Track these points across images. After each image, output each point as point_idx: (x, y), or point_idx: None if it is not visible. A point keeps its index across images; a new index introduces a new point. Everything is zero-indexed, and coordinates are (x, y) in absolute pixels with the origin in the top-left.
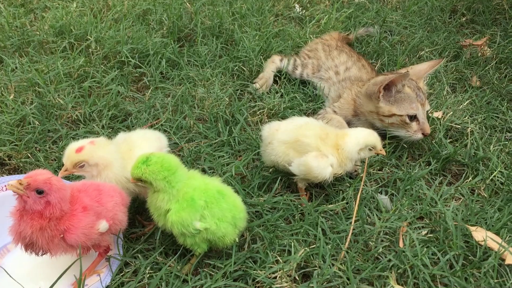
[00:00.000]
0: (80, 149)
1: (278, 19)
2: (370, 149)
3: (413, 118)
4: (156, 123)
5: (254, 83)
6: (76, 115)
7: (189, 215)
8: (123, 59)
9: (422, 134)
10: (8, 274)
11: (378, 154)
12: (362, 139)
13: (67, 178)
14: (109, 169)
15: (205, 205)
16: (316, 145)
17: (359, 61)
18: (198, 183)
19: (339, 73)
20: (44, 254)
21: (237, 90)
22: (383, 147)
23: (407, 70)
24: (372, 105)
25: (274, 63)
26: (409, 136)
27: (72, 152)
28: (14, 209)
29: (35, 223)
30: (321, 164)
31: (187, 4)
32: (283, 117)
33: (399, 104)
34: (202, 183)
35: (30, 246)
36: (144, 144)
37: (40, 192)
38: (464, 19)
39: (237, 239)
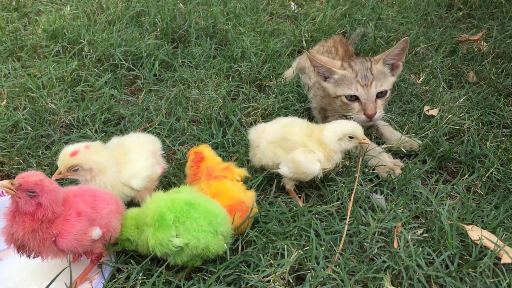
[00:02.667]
0: (74, 153)
1: (273, 18)
2: (350, 138)
3: (353, 98)
4: (150, 126)
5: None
6: (69, 120)
7: (164, 233)
8: (116, 62)
9: (365, 115)
10: None
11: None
12: (340, 129)
13: (60, 183)
14: (103, 174)
15: (176, 219)
16: (303, 142)
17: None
18: (164, 201)
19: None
20: (36, 256)
21: (231, 91)
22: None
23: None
24: (322, 86)
25: None
26: (356, 118)
27: (66, 155)
28: (7, 209)
29: (27, 225)
30: (309, 158)
31: (181, 4)
32: (277, 117)
33: (338, 86)
34: (168, 199)
35: (22, 248)
36: (139, 148)
37: (31, 193)
38: (460, 13)
39: (225, 245)
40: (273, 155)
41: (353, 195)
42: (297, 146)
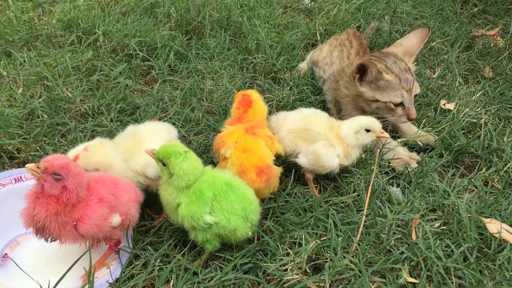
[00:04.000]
0: (75, 158)
1: (286, 11)
2: (367, 131)
3: (398, 104)
4: (165, 116)
5: None
6: (85, 109)
7: (198, 208)
8: (131, 52)
9: (408, 119)
10: (18, 266)
11: (380, 138)
12: (356, 122)
13: None
14: (111, 169)
15: (214, 198)
16: (325, 134)
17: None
18: (207, 176)
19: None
20: (53, 241)
21: (246, 82)
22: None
23: (399, 43)
24: (356, 89)
25: None
26: (395, 120)
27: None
28: (30, 191)
29: (51, 207)
30: (329, 153)
31: None
32: (292, 109)
33: (382, 91)
34: (210, 176)
35: (41, 230)
36: (153, 137)
37: (57, 176)
38: (476, 9)
39: (250, 233)
40: (293, 145)
41: (370, 186)
42: (319, 137)
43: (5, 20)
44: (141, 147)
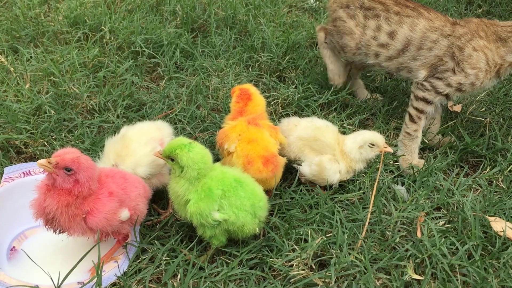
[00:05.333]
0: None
1: (291, 10)
2: (371, 146)
3: None
4: (171, 113)
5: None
6: (91, 105)
7: (207, 205)
8: (137, 49)
9: None
10: (30, 258)
11: (384, 153)
12: (359, 137)
13: None
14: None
15: (223, 194)
16: (334, 147)
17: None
18: (216, 172)
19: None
20: (62, 232)
21: (251, 80)
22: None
23: None
24: None
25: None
26: None
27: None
28: (41, 183)
29: (62, 199)
30: (333, 168)
31: None
32: (297, 107)
33: None
34: (220, 172)
35: (51, 221)
36: (143, 138)
37: (68, 170)
38: (480, 10)
39: (258, 230)
40: (299, 152)
41: (375, 184)
42: (328, 149)
43: (12, 16)
44: (128, 150)
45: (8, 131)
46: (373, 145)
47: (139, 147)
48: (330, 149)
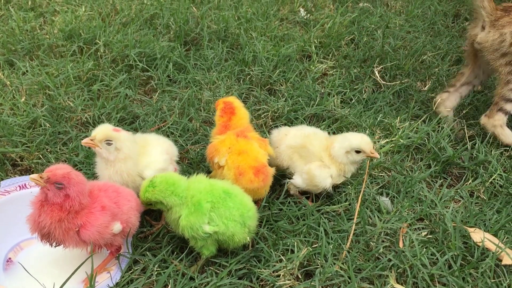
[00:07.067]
0: (117, 130)
1: (283, 23)
2: (357, 152)
3: None
4: (163, 125)
5: None
6: (86, 118)
7: (197, 219)
8: (131, 62)
9: None
10: (26, 270)
11: (372, 158)
12: (347, 142)
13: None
14: (124, 162)
15: (212, 207)
16: (320, 155)
17: None
18: (204, 185)
19: None
20: (58, 245)
21: (242, 93)
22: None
23: None
24: None
25: None
26: None
27: (108, 127)
28: (35, 198)
29: (55, 215)
30: (323, 173)
31: (194, 8)
32: (287, 120)
33: None
34: (208, 184)
35: (47, 236)
36: (157, 144)
37: (59, 185)
38: (467, 23)
39: (248, 239)
40: (289, 159)
41: (360, 196)
42: (314, 157)
43: (8, 30)
44: (145, 150)
45: (4, 144)
46: (359, 151)
47: (155, 152)
48: (316, 157)
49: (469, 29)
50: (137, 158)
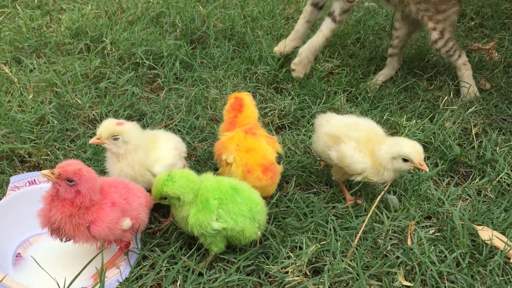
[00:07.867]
0: (120, 123)
1: (289, 22)
2: (405, 160)
3: None
4: (171, 123)
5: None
6: (93, 115)
7: (205, 216)
8: (137, 60)
9: None
10: (38, 264)
11: (419, 170)
12: (396, 147)
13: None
14: (135, 152)
15: (220, 203)
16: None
17: None
18: (211, 182)
19: None
20: (68, 240)
21: (249, 91)
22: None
23: None
24: None
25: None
26: None
27: (112, 123)
28: (47, 193)
29: (66, 210)
30: (355, 155)
31: (200, 7)
32: (294, 118)
33: None
34: (215, 181)
35: (57, 231)
36: (167, 140)
37: (70, 181)
38: (472, 23)
39: (259, 233)
40: (324, 145)
41: (379, 197)
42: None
43: (15, 28)
44: (155, 145)
45: (13, 141)
46: (407, 160)
47: (165, 147)
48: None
49: None
50: (148, 146)
